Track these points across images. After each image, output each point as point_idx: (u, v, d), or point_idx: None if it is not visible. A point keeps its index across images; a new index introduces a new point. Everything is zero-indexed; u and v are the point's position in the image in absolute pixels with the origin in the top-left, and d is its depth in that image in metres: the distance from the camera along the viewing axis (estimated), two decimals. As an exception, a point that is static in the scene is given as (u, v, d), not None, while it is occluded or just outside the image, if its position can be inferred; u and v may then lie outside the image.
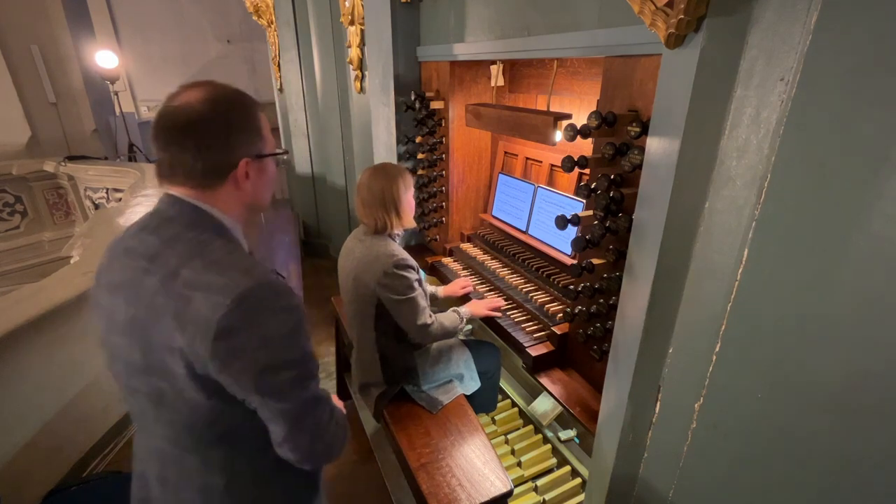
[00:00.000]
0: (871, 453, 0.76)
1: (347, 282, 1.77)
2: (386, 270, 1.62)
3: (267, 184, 0.98)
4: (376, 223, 1.70)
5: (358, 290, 1.71)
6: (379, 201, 1.68)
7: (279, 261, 3.81)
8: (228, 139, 0.86)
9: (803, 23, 0.76)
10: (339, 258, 1.86)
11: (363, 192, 1.72)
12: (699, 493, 1.12)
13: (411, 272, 1.67)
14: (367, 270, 1.66)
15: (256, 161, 0.91)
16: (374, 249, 1.68)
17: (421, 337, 1.73)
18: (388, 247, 1.68)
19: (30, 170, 4.94)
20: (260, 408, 0.84)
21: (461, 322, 1.82)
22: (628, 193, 1.24)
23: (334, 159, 4.22)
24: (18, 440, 1.96)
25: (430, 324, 1.71)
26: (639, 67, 1.19)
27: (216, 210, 0.89)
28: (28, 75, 4.95)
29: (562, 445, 2.10)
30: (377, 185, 1.69)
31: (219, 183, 0.88)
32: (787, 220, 0.83)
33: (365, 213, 1.72)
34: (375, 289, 1.65)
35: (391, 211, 1.69)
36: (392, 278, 1.63)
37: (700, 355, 1.04)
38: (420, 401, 1.83)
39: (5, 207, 4.93)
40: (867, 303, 0.73)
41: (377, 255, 1.66)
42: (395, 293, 1.64)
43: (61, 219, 5.30)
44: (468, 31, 1.91)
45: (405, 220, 1.74)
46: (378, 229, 1.71)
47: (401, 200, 1.70)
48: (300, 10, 3.96)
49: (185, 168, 0.85)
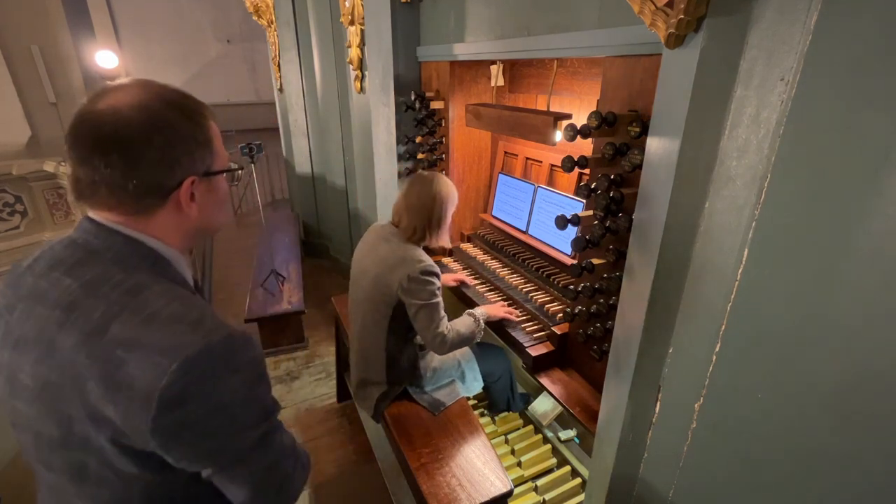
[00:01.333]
0: (872, 453, 0.76)
1: (365, 279, 1.74)
2: (411, 275, 1.60)
3: (218, 205, 0.81)
4: (414, 230, 1.69)
5: (378, 289, 1.69)
6: (427, 213, 1.67)
7: (279, 261, 3.81)
8: (169, 154, 0.69)
9: (803, 23, 0.76)
10: (357, 252, 1.83)
11: (412, 197, 1.69)
12: (699, 493, 1.12)
13: (436, 279, 1.65)
14: (391, 271, 1.64)
15: (204, 180, 0.75)
16: (400, 251, 1.66)
17: (437, 345, 1.67)
18: (416, 252, 1.67)
19: (30, 170, 4.95)
20: (216, 476, 0.71)
21: (477, 325, 1.76)
22: (628, 193, 1.24)
23: (334, 159, 4.22)
24: (18, 440, 1.96)
25: (447, 333, 1.67)
26: (639, 67, 1.19)
27: (153, 240, 0.72)
28: (28, 75, 4.95)
29: (562, 445, 2.10)
30: (429, 193, 1.67)
31: (157, 206, 0.71)
32: (787, 220, 0.83)
33: (406, 216, 1.70)
34: (398, 291, 1.63)
35: (434, 227, 1.69)
36: (417, 283, 1.61)
37: (700, 355, 1.04)
38: (422, 402, 1.82)
39: (5, 207, 4.94)
40: (867, 303, 0.73)
41: (404, 258, 1.64)
42: (417, 298, 1.62)
43: (61, 219, 5.30)
44: (468, 31, 1.91)
45: (443, 238, 1.73)
46: (412, 236, 1.69)
47: (446, 219, 1.70)
48: (300, 10, 3.96)
49: (111, 188, 0.67)
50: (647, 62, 1.16)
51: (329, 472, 2.35)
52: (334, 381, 2.91)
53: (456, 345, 1.70)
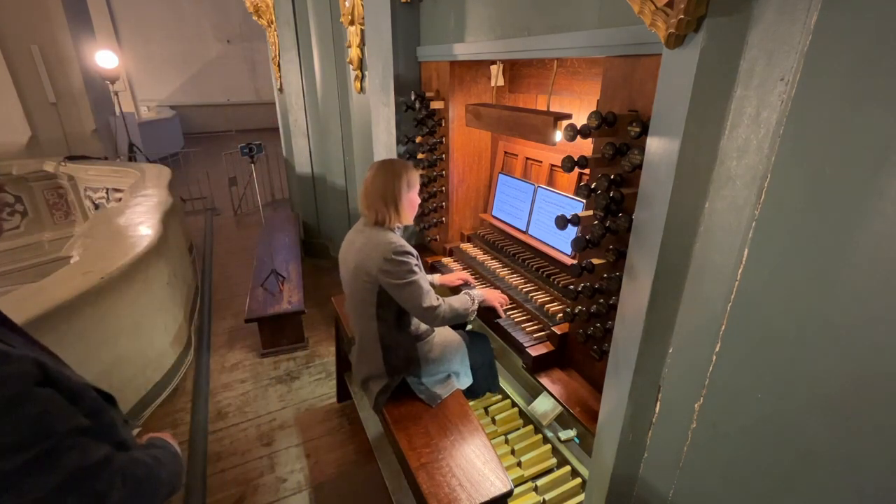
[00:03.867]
0: (872, 453, 0.76)
1: (348, 272, 1.79)
2: (385, 257, 1.64)
3: None
4: (376, 215, 1.73)
5: (359, 279, 1.73)
6: (380, 195, 1.71)
7: (279, 261, 3.81)
8: None
9: (803, 23, 0.76)
10: (341, 251, 1.87)
11: (367, 184, 1.74)
12: (699, 493, 1.12)
13: (410, 257, 1.68)
14: (367, 258, 1.68)
15: None
16: (373, 239, 1.70)
17: (430, 319, 1.73)
18: (387, 235, 1.70)
19: (30, 170, 4.96)
20: None
21: (472, 303, 1.81)
22: (628, 193, 1.24)
23: (334, 159, 4.22)
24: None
25: (438, 305, 1.71)
26: (639, 67, 1.19)
27: None
28: (28, 75, 4.96)
29: (562, 445, 2.10)
30: (380, 179, 1.72)
31: None
32: (787, 220, 0.83)
33: (366, 204, 1.75)
34: (377, 276, 1.67)
35: (390, 206, 1.72)
36: (392, 264, 1.64)
37: (700, 355, 1.04)
38: (420, 394, 1.85)
39: (5, 207, 4.94)
40: (867, 303, 0.73)
41: (377, 244, 1.68)
42: (396, 278, 1.65)
43: (61, 219, 5.31)
44: (468, 31, 1.92)
45: (403, 216, 1.76)
46: (377, 221, 1.73)
47: (401, 197, 1.72)
48: (300, 10, 3.96)
49: None
50: (647, 62, 1.16)
51: (329, 472, 2.35)
52: (334, 381, 2.91)
53: (448, 319, 1.75)
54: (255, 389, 2.96)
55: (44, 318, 2.03)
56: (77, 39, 5.26)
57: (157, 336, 2.89)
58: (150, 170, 4.66)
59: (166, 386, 2.90)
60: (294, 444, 2.52)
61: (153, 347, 2.83)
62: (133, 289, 2.64)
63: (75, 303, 2.19)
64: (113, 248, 2.75)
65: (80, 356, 2.25)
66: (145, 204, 3.61)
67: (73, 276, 2.36)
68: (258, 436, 2.58)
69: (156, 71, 12.41)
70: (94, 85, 5.64)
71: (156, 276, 2.92)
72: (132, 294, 2.63)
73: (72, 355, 2.21)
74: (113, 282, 2.44)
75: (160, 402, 2.80)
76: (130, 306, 2.62)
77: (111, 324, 2.47)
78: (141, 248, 2.74)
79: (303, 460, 2.42)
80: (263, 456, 2.45)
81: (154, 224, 3.14)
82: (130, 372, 2.61)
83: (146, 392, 2.72)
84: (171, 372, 2.96)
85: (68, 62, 5.18)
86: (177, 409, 2.77)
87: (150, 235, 2.94)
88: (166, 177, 4.40)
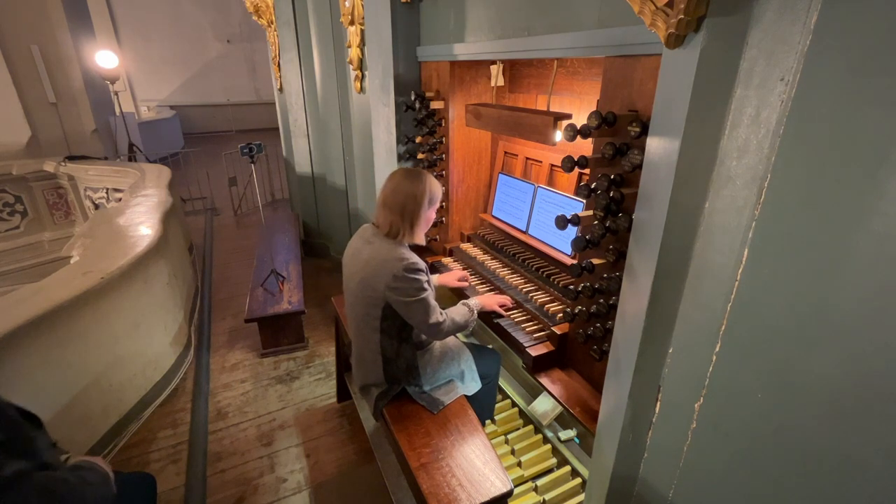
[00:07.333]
0: (871, 453, 0.76)
1: (352, 283, 1.74)
2: (396, 274, 1.59)
3: None
4: (390, 227, 1.67)
5: (364, 293, 1.68)
6: (400, 208, 1.64)
7: (279, 261, 3.81)
8: None
9: (803, 23, 0.76)
10: (345, 258, 1.83)
11: (387, 192, 1.67)
12: (699, 493, 1.12)
13: (421, 274, 1.64)
14: (375, 274, 1.63)
15: None
16: (382, 253, 1.64)
17: (434, 334, 1.72)
18: (397, 250, 1.64)
19: (30, 170, 4.95)
20: None
21: (471, 314, 1.81)
22: (628, 193, 1.24)
23: (334, 159, 4.22)
24: (18, 440, 1.95)
25: (443, 321, 1.68)
26: (639, 67, 1.19)
27: None
28: (28, 75, 4.96)
29: (562, 445, 2.10)
30: (403, 190, 1.65)
31: None
32: (787, 220, 0.83)
33: (382, 213, 1.68)
34: (384, 292, 1.62)
35: (407, 221, 1.66)
36: (403, 281, 1.60)
37: (700, 355, 1.04)
38: (421, 401, 1.82)
39: (5, 207, 4.94)
40: (867, 302, 0.73)
41: (386, 259, 1.62)
42: (405, 295, 1.61)
43: (61, 219, 5.31)
44: (468, 32, 1.91)
45: (417, 234, 1.71)
46: (389, 233, 1.68)
47: (420, 215, 1.67)
48: (300, 10, 3.96)
49: None
50: (647, 62, 1.16)
51: (329, 472, 2.35)
52: (334, 381, 2.91)
53: (451, 331, 1.74)
54: (255, 389, 2.96)
55: (44, 318, 2.03)
56: (77, 39, 5.26)
57: (157, 336, 2.89)
58: (150, 170, 4.66)
59: (166, 386, 2.89)
60: (294, 444, 2.52)
61: (153, 347, 2.83)
62: (133, 289, 2.64)
63: (75, 303, 2.19)
64: (113, 248, 2.75)
65: (80, 356, 2.25)
66: (145, 204, 3.60)
67: (73, 276, 2.36)
68: (258, 436, 2.58)
69: (156, 71, 12.41)
70: (93, 85, 5.64)
71: (156, 276, 2.92)
72: (132, 294, 2.63)
73: (72, 355, 2.21)
74: (113, 282, 2.44)
75: (160, 402, 2.80)
76: (130, 306, 2.62)
77: (111, 324, 2.47)
78: (141, 248, 2.74)
79: (303, 460, 2.42)
80: (263, 456, 2.45)
81: (154, 224, 3.14)
82: (130, 372, 2.60)
83: (146, 392, 2.72)
84: (171, 372, 2.96)
85: (68, 62, 5.18)
86: (177, 409, 2.77)
87: (151, 235, 2.93)
88: (166, 177, 4.39)
